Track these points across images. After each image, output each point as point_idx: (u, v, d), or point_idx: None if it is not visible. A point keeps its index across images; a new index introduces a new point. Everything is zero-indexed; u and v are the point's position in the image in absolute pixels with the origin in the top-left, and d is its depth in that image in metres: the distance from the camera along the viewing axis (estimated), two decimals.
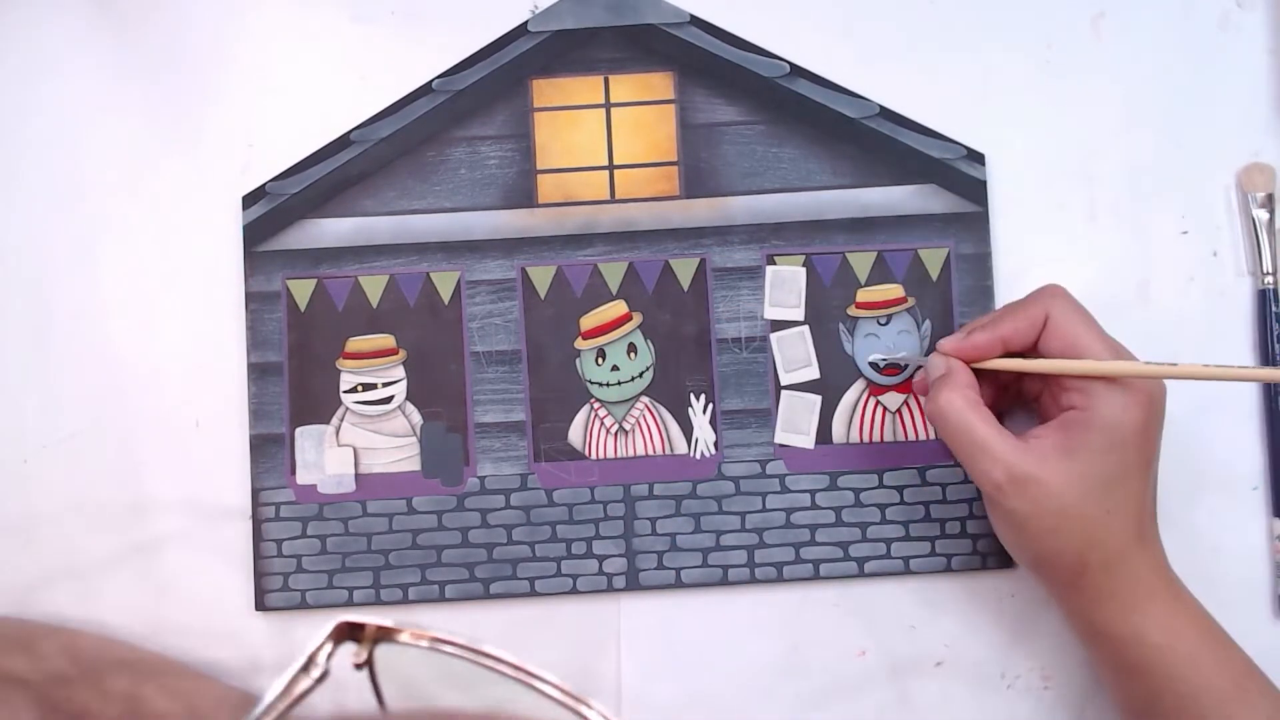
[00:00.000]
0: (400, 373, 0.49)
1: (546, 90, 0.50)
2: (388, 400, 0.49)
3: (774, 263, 0.50)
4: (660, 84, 0.50)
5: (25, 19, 0.51)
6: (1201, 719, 0.41)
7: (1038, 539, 0.42)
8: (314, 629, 0.53)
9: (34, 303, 0.50)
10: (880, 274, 0.50)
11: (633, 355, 0.49)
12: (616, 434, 0.49)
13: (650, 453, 0.49)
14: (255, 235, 0.50)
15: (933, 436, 0.49)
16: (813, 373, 0.49)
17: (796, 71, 0.50)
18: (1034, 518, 0.42)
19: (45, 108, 0.51)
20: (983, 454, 0.42)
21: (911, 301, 0.50)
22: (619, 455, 0.49)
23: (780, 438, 0.49)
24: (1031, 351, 0.44)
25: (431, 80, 0.50)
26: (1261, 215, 0.49)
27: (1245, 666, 0.42)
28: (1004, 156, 0.50)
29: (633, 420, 0.49)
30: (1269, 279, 0.49)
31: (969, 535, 0.49)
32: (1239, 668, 0.42)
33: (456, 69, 0.50)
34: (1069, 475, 0.41)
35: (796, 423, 0.49)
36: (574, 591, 0.49)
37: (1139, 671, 0.42)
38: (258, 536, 0.49)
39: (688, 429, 0.49)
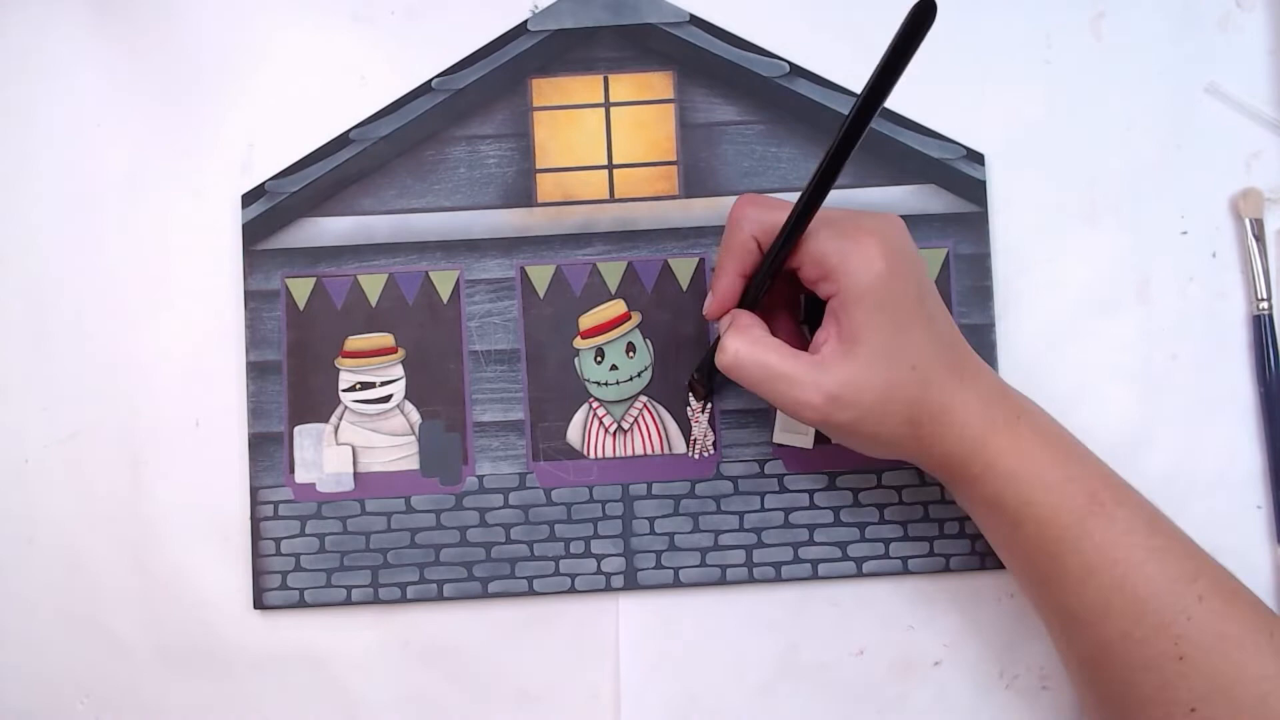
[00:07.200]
0: (399, 371, 0.49)
1: (546, 89, 0.50)
2: (386, 399, 0.49)
3: None
4: (660, 83, 0.50)
5: (27, 20, 0.51)
6: (1059, 540, 0.40)
7: (876, 431, 0.41)
8: (312, 628, 0.53)
9: (34, 303, 0.50)
10: None
11: (631, 354, 0.49)
12: (615, 433, 0.49)
13: (649, 452, 0.49)
14: (255, 234, 0.50)
15: None
16: None
17: (796, 71, 0.50)
18: (861, 417, 0.40)
19: (47, 109, 0.51)
20: (789, 384, 0.40)
21: None
22: (617, 455, 0.49)
23: (779, 437, 0.49)
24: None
25: (431, 79, 0.50)
26: (1253, 242, 0.49)
27: (1101, 479, 0.41)
28: (1004, 156, 0.50)
29: (631, 419, 0.49)
30: (1263, 305, 0.49)
31: (967, 535, 0.49)
32: (1094, 481, 0.41)
33: (456, 68, 0.50)
34: (862, 361, 0.40)
35: (795, 422, 0.49)
36: (572, 591, 0.49)
37: (999, 506, 0.41)
38: (256, 535, 0.49)
39: (686, 428, 0.49)
